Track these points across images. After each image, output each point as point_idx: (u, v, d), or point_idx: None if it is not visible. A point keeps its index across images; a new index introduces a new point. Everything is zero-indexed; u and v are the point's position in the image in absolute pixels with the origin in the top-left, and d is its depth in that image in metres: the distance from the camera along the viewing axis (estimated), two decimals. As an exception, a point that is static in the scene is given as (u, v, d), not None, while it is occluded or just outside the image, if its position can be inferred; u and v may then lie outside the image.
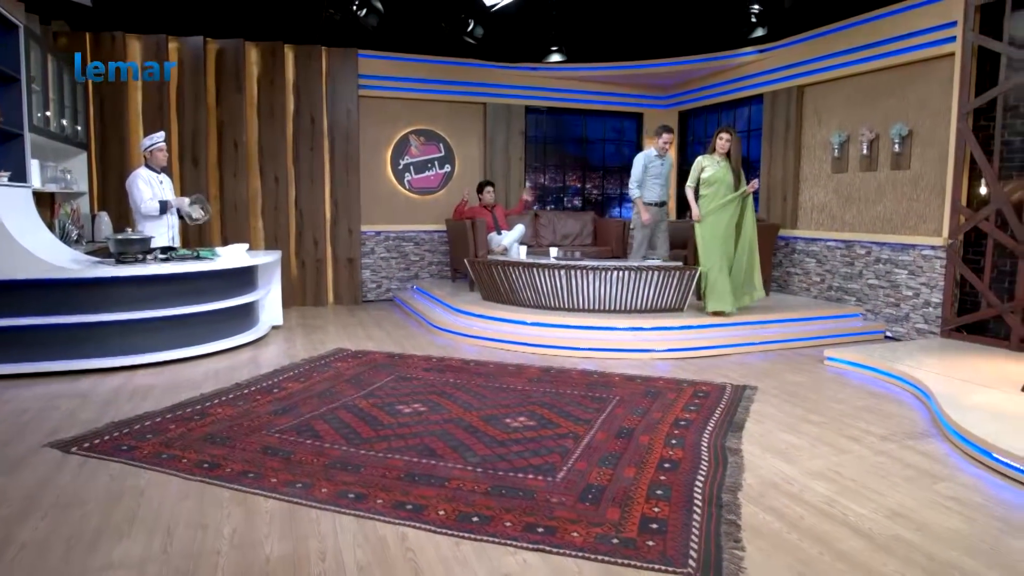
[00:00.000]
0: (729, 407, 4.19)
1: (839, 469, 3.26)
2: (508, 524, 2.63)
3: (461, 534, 2.56)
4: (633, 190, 6.75)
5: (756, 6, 6.77)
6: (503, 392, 4.47)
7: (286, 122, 7.58)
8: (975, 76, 5.24)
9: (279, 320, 6.50)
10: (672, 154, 7.15)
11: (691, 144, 9.32)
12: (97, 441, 3.43)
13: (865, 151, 6.30)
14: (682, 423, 3.88)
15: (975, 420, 3.58)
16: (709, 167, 5.93)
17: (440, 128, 8.47)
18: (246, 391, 4.37)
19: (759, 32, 6.90)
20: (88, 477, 3.01)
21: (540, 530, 2.59)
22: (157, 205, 5.54)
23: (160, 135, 5.71)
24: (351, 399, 4.25)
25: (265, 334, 6.08)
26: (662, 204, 6.79)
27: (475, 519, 2.67)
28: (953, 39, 5.38)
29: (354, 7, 6.63)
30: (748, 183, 5.91)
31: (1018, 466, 3.14)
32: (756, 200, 7.97)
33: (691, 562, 2.38)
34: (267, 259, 6.04)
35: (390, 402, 4.21)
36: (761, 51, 7.42)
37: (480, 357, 5.47)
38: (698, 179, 6.00)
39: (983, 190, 5.23)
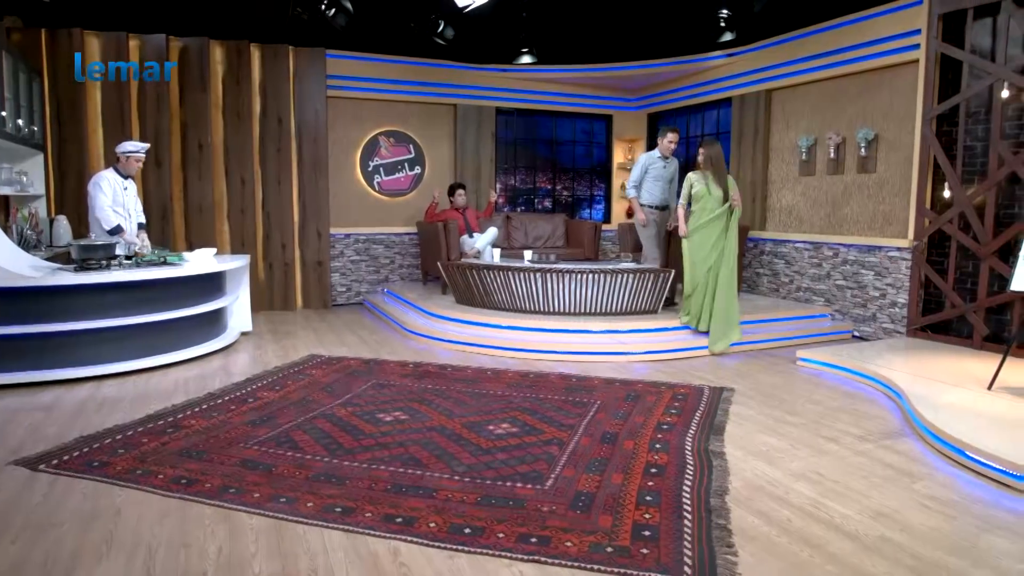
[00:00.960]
0: (708, 410, 4.22)
1: (820, 470, 3.31)
2: (501, 535, 2.60)
3: (454, 547, 2.52)
4: (629, 190, 6.61)
5: (725, 11, 6.87)
6: (483, 398, 4.43)
7: (252, 123, 7.42)
8: (938, 83, 5.40)
9: (248, 326, 6.35)
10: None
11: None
12: (66, 457, 3.29)
13: (832, 154, 6.44)
14: (664, 427, 3.89)
15: (947, 419, 3.67)
16: (697, 183, 5.71)
17: (410, 129, 8.38)
18: (220, 401, 4.25)
19: (728, 36, 7.00)
20: (60, 496, 2.88)
21: (534, 540, 2.57)
22: (112, 222, 5.38)
23: (145, 146, 5.57)
24: (329, 408, 4.17)
25: (234, 341, 5.93)
26: (664, 207, 6.56)
27: (467, 531, 2.63)
28: (917, 47, 5.53)
29: (323, 6, 6.52)
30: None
31: (992, 464, 3.23)
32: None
33: (687, 569, 2.39)
34: (236, 264, 5.89)
35: (369, 410, 4.13)
36: (730, 55, 7.52)
37: (457, 362, 5.42)
38: (689, 196, 5.79)
39: (947, 194, 5.38)
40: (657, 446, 3.59)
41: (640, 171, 6.53)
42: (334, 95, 7.80)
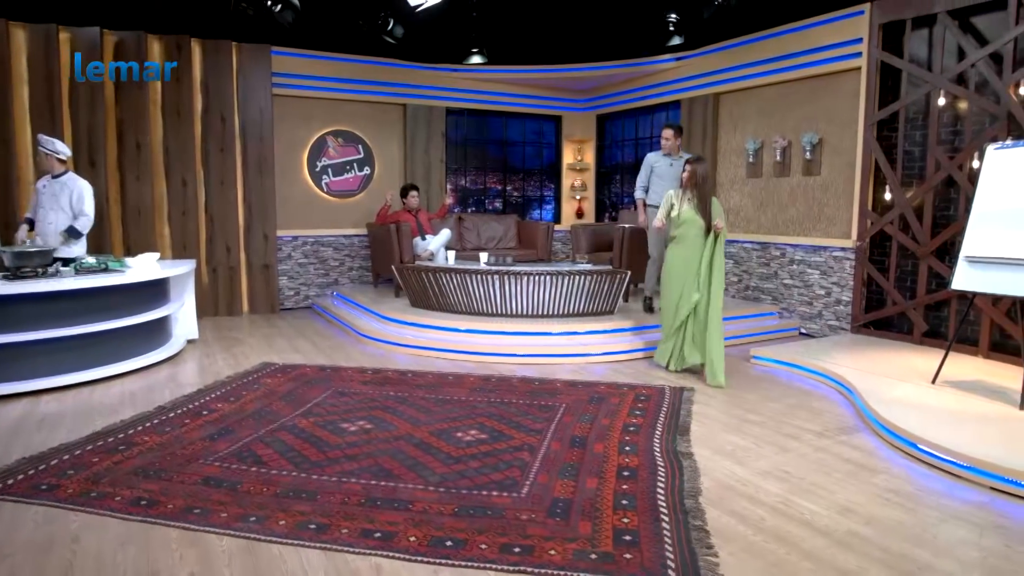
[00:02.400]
0: (671, 410, 4.29)
1: (786, 468, 3.40)
2: (484, 546, 2.57)
3: (437, 560, 2.47)
4: (636, 192, 6.30)
5: (673, 15, 6.99)
6: (448, 404, 4.37)
7: (194, 121, 7.12)
8: (879, 90, 5.63)
9: (195, 333, 6.10)
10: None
11: (608, 147, 9.51)
12: (11, 481, 3.08)
13: (778, 157, 6.64)
14: (631, 428, 3.93)
15: (898, 413, 3.83)
16: (678, 205, 5.01)
17: (359, 129, 8.22)
18: (172, 415, 4.06)
19: (676, 40, 7.12)
20: (8, 524, 2.69)
21: (517, 550, 2.54)
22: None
23: (52, 141, 5.31)
24: (290, 419, 4.03)
25: (181, 349, 5.68)
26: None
27: (448, 543, 2.59)
28: (859, 55, 5.75)
29: (268, 2, 6.30)
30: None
31: (942, 456, 3.38)
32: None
33: (671, 573, 2.41)
34: (181, 269, 5.64)
35: (332, 420, 4.02)
36: (678, 59, 7.67)
37: (416, 367, 5.34)
38: (668, 215, 5.08)
39: (887, 196, 5.62)
40: (627, 448, 3.62)
41: (645, 171, 6.25)
42: (280, 93, 7.58)
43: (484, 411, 4.23)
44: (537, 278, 5.98)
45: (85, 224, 5.32)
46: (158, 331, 5.46)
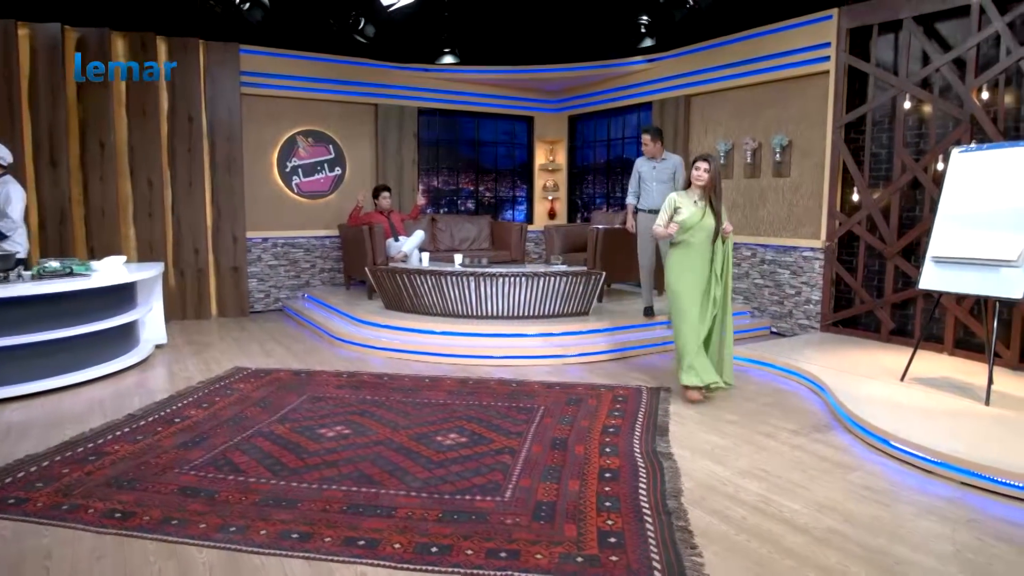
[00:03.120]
0: (649, 411, 4.32)
1: (764, 466, 3.45)
2: (470, 552, 2.55)
3: (424, 568, 2.45)
4: (628, 198, 6.21)
5: (645, 17, 7.05)
6: (426, 407, 4.34)
7: (160, 121, 6.95)
8: (847, 93, 5.74)
9: (163, 338, 5.96)
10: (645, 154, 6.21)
11: (580, 148, 9.55)
12: (-25, 496, 2.97)
13: (749, 159, 6.74)
14: (611, 430, 3.95)
15: (871, 411, 3.91)
16: (684, 207, 4.46)
17: (330, 129, 8.11)
18: (143, 423, 3.96)
19: (648, 42, 7.17)
20: (-26, 541, 2.60)
21: (503, 555, 2.53)
22: None
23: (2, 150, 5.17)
24: (266, 425, 3.96)
25: (149, 355, 5.54)
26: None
27: (434, 549, 2.56)
28: (827, 59, 5.86)
29: (237, 0, 6.19)
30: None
31: (915, 452, 3.46)
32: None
33: (657, 574, 2.42)
34: (148, 273, 5.51)
35: (309, 425, 3.97)
36: (650, 60, 7.73)
37: (392, 370, 5.30)
38: (669, 220, 4.51)
39: (855, 197, 5.75)
40: (607, 450, 3.63)
41: (635, 179, 6.16)
42: (249, 92, 7.44)
43: (463, 414, 4.21)
44: (512, 279, 5.97)
45: (8, 226, 5.17)
46: (126, 336, 5.32)
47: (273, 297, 7.96)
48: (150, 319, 5.85)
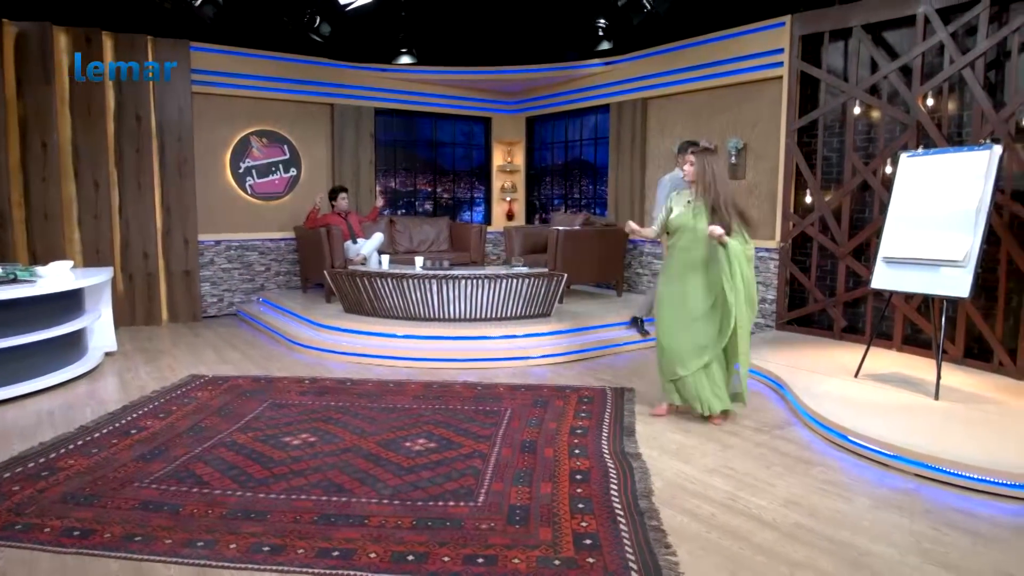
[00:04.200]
0: (615, 411, 4.36)
1: (730, 464, 3.52)
2: (447, 559, 2.53)
3: (401, 577, 2.42)
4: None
5: (603, 20, 7.12)
6: (392, 413, 4.30)
7: (106, 120, 6.69)
8: (800, 98, 5.91)
9: (113, 345, 5.74)
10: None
11: (538, 149, 9.59)
12: (-81, 518, 2.81)
13: (705, 162, 6.86)
14: (579, 431, 3.97)
15: (828, 407, 4.03)
16: (676, 207, 4.09)
17: (284, 129, 7.95)
18: (97, 435, 3.80)
19: (605, 45, 7.25)
20: (-80, 566, 2.45)
21: (480, 560, 2.53)
22: None
23: None
24: (227, 435, 3.86)
25: (98, 363, 5.33)
26: None
27: (410, 558, 2.54)
28: (781, 64, 6.02)
29: (188, -5, 6.01)
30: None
31: (872, 447, 3.59)
32: (603, 209, 8.40)
33: (633, 574, 2.45)
34: (97, 279, 5.29)
35: (273, 434, 3.88)
36: (607, 63, 7.81)
37: (354, 375, 5.22)
38: (665, 223, 4.14)
39: (808, 199, 5.91)
40: (576, 451, 3.65)
41: (664, 198, 5.03)
42: (200, 91, 7.23)
43: (430, 419, 4.18)
44: (475, 282, 5.95)
45: None
46: (74, 345, 5.11)
47: (227, 301, 7.76)
48: (99, 326, 5.62)
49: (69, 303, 5.05)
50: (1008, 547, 2.69)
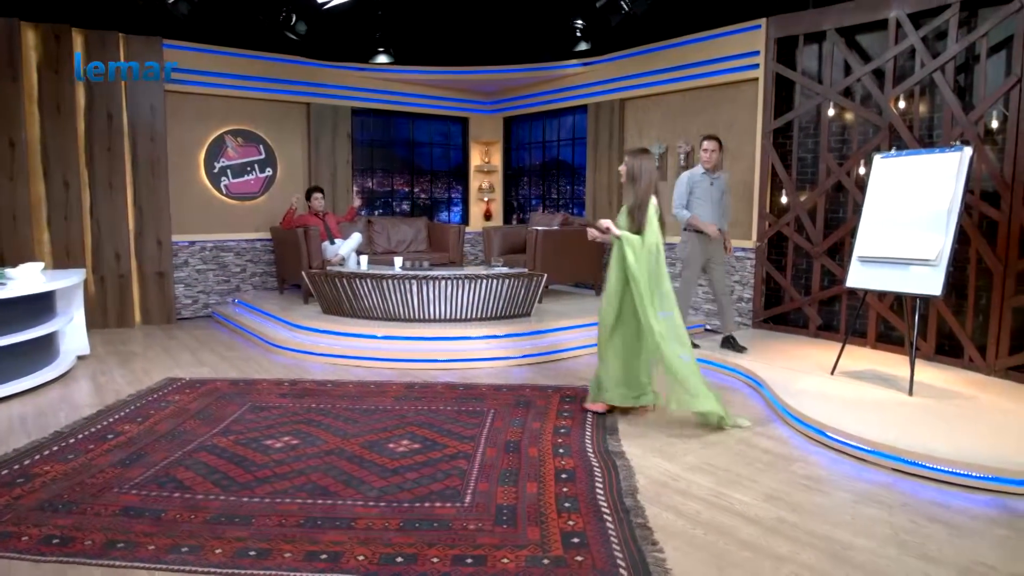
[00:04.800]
0: (598, 409, 4.38)
1: (712, 461, 3.57)
2: (436, 560, 2.53)
3: (391, 579, 2.41)
4: (678, 212, 5.33)
5: (580, 21, 7.16)
6: (375, 414, 4.27)
7: (77, 118, 6.55)
8: (775, 100, 6.00)
9: (85, 349, 5.62)
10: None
11: (515, 150, 9.60)
12: None
13: (683, 162, 6.95)
14: (562, 431, 3.99)
15: (806, 404, 4.10)
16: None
17: (260, 129, 7.85)
18: (72, 440, 3.72)
19: (583, 46, 7.31)
20: None
21: (469, 561, 2.53)
22: None
23: None
24: (207, 438, 3.80)
25: (71, 367, 5.21)
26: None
27: (399, 559, 2.53)
28: (756, 66, 6.11)
29: (161, -8, 5.92)
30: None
31: (849, 442, 3.66)
32: (581, 209, 8.44)
33: (622, 571, 2.47)
34: (69, 281, 5.18)
35: (254, 437, 3.83)
36: (585, 64, 7.85)
37: (334, 376, 5.18)
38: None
39: (784, 199, 6.01)
40: (560, 451, 3.67)
41: (684, 190, 5.34)
42: (173, 89, 7.11)
43: (413, 420, 4.17)
44: (455, 282, 5.95)
45: None
46: (45, 348, 4.99)
47: (202, 303, 7.64)
48: (71, 329, 5.50)
49: (40, 306, 4.94)
50: (983, 537, 2.77)
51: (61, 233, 6.55)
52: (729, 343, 5.47)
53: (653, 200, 4.10)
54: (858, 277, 4.70)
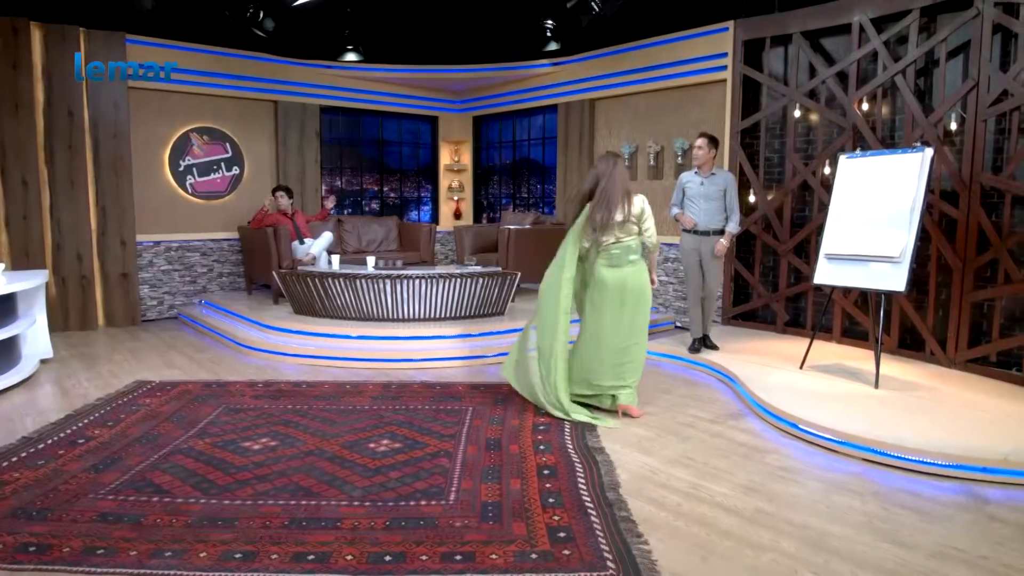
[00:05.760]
0: (575, 406, 4.43)
1: (689, 455, 3.64)
2: (425, 558, 2.54)
3: (381, 578, 2.41)
4: (671, 210, 5.52)
5: (550, 22, 7.21)
6: (352, 414, 4.25)
7: (36, 115, 6.35)
8: (743, 101, 6.13)
9: (48, 352, 5.46)
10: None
11: (485, 149, 9.62)
12: None
13: (652, 162, 7.05)
14: (541, 428, 4.02)
15: (778, 398, 4.21)
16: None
17: (226, 127, 7.72)
18: (41, 446, 3.62)
19: (553, 46, 7.35)
20: None
21: (458, 558, 2.54)
22: None
23: None
24: (183, 441, 3.74)
25: (34, 371, 5.06)
26: (705, 233, 5.30)
27: (388, 558, 2.53)
28: (724, 68, 6.23)
29: (124, -14, 5.78)
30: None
31: (820, 434, 3.77)
32: (551, 209, 8.50)
33: (609, 564, 2.51)
34: (31, 283, 5.03)
35: (231, 439, 3.78)
36: (555, 64, 7.90)
37: (309, 377, 5.13)
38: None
39: (752, 198, 6.14)
40: (541, 447, 3.70)
41: (678, 191, 5.45)
42: (137, 86, 6.94)
43: (391, 419, 4.15)
44: (429, 281, 5.94)
45: None
46: (7, 352, 4.84)
47: (167, 304, 7.48)
48: (33, 332, 5.33)
49: (1, 308, 4.79)
50: (951, 522, 2.89)
51: (20, 234, 6.34)
52: (703, 343, 5.52)
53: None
54: (825, 274, 4.84)
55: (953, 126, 4.89)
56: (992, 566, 2.54)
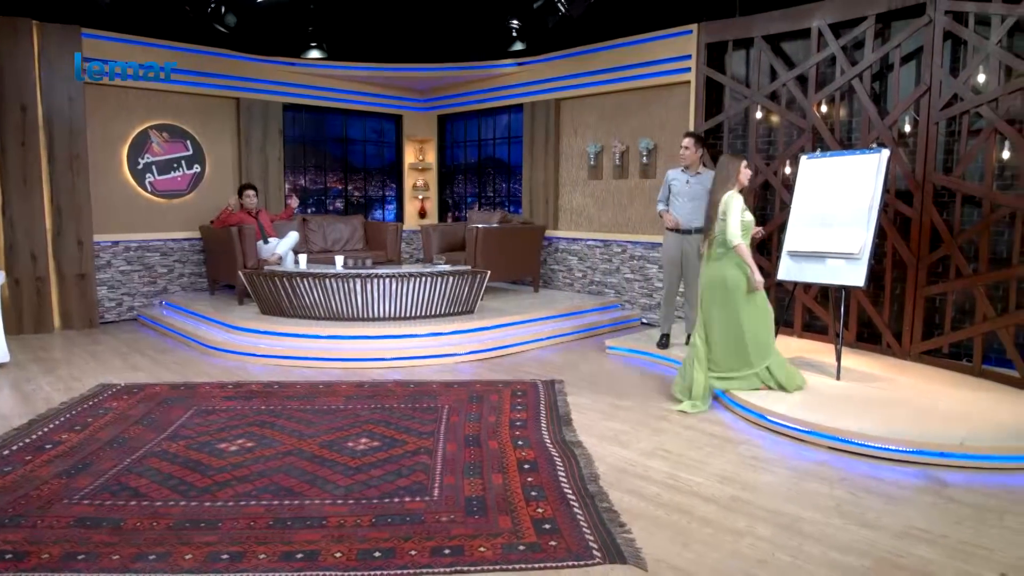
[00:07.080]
0: (550, 403, 4.49)
1: (664, 447, 3.74)
2: (413, 553, 2.56)
3: (372, 572, 2.43)
4: (659, 206, 5.53)
5: (516, 22, 7.25)
6: (328, 414, 4.23)
7: (-15, 110, 6.14)
8: (706, 102, 6.28)
9: (4, 356, 5.28)
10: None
11: (450, 147, 9.62)
12: None
13: (617, 161, 7.16)
14: (518, 423, 4.07)
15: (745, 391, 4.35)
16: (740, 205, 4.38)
17: (187, 124, 7.55)
18: (7, 452, 3.52)
19: (519, 46, 7.39)
20: None
21: (447, 552, 2.57)
22: None
23: None
24: (156, 444, 3.67)
25: (-10, 376, 4.91)
26: (688, 232, 5.30)
27: (377, 554, 2.55)
28: (688, 70, 6.37)
29: (81, -21, 5.62)
30: None
31: (786, 424, 3.91)
32: (517, 207, 8.56)
33: (595, 553, 2.58)
34: (-13, 283, 4.87)
35: (206, 441, 3.73)
36: (520, 64, 7.95)
37: (280, 378, 5.08)
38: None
39: (715, 197, 6.29)
40: (519, 443, 3.75)
41: (664, 189, 5.49)
42: (94, 81, 6.74)
43: (368, 418, 4.15)
44: (399, 280, 5.93)
45: None
46: (-39, 356, 4.67)
47: (126, 306, 7.29)
48: (-13, 335, 5.16)
49: (-45, 311, 4.62)
50: (914, 505, 3.04)
51: (-30, 233, 6.12)
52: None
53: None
54: (788, 270, 5.00)
55: (907, 128, 5.10)
56: (952, 543, 2.69)
